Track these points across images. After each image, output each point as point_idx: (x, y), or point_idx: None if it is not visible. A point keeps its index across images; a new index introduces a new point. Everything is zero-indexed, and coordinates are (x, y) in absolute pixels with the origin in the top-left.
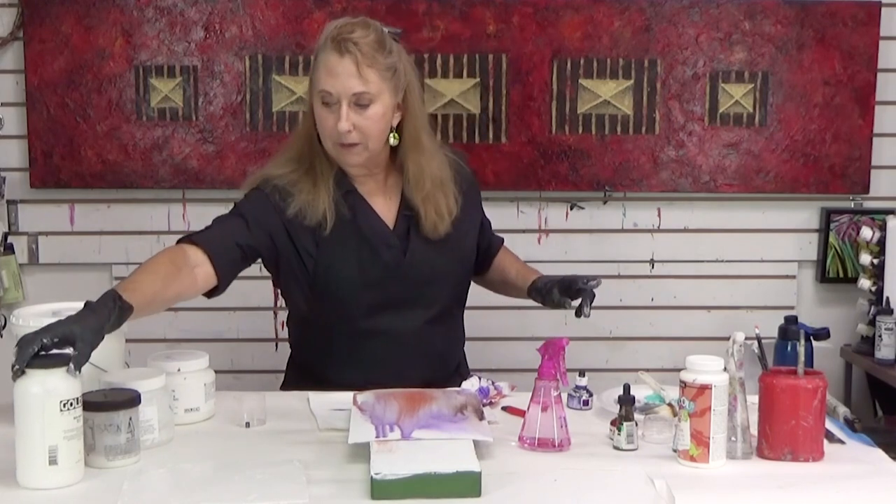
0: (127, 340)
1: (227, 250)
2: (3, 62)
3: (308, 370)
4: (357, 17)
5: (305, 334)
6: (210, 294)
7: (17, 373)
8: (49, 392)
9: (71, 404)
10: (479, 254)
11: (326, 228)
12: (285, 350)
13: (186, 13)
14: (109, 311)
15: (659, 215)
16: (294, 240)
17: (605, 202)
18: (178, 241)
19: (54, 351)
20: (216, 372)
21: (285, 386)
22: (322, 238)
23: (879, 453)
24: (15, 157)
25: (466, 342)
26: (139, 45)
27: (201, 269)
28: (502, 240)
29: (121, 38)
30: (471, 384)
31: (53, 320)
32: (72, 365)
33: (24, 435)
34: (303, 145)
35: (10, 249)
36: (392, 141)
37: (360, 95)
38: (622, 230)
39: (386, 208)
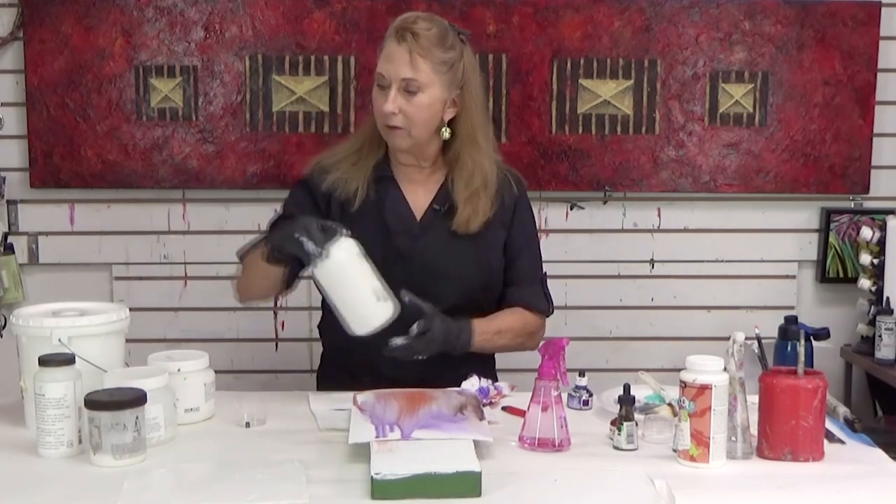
0: (127, 340)
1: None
2: (3, 62)
3: (331, 357)
4: (425, 12)
5: (327, 317)
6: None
7: (322, 256)
8: (351, 250)
9: (362, 253)
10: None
11: (354, 205)
12: (285, 350)
13: (186, 13)
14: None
15: (659, 215)
16: (328, 208)
17: (605, 202)
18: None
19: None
20: (216, 372)
21: (319, 378)
22: (348, 212)
23: (879, 453)
24: (15, 157)
25: None
26: (139, 45)
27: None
28: (525, 303)
29: (121, 38)
30: (471, 384)
31: (53, 321)
32: (343, 230)
33: (352, 292)
34: (364, 130)
35: (10, 249)
36: (444, 135)
37: (408, 81)
38: (622, 230)
39: (420, 200)
